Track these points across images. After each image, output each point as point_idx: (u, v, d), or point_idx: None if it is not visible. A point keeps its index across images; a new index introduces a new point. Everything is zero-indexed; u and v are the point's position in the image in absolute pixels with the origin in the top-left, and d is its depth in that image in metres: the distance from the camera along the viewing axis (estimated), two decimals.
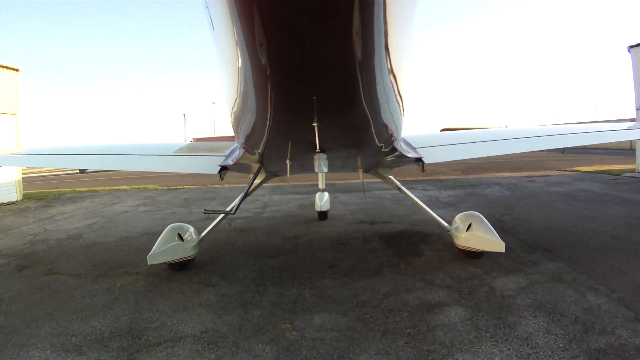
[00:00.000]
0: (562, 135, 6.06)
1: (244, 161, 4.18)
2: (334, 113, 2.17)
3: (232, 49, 1.64)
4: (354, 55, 1.60)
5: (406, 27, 1.79)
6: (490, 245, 4.66)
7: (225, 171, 4.62)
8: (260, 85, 1.84)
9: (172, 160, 5.43)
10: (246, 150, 3.46)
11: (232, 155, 4.55)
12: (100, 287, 4.66)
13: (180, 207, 10.88)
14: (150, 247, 4.85)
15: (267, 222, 8.17)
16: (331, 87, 1.87)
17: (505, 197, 10.54)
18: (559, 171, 17.73)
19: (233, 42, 1.58)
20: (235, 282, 4.61)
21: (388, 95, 2.11)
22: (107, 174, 29.49)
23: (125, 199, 13.27)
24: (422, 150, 4.60)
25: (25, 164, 8.30)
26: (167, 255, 4.79)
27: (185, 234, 4.99)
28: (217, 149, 5.36)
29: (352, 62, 1.65)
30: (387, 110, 2.31)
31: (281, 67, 1.67)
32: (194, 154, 5.36)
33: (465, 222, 5.00)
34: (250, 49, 1.54)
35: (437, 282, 4.37)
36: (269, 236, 6.86)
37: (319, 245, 6.07)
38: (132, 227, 8.25)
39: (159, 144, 6.76)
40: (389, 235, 6.58)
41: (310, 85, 1.83)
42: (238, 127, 2.73)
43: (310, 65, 1.66)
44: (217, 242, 6.42)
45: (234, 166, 4.60)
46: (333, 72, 1.74)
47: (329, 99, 1.96)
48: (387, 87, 1.99)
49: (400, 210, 8.87)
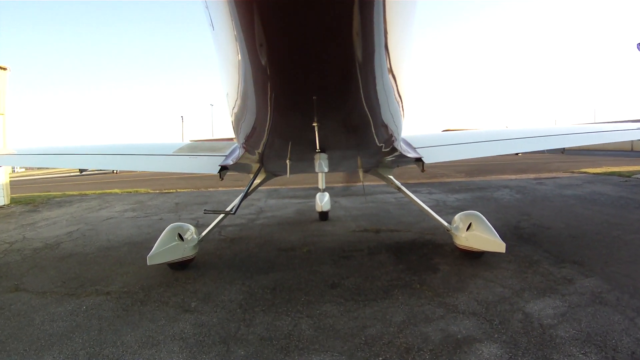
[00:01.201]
0: (562, 135, 6.02)
1: (244, 161, 4.15)
2: (334, 113, 2.15)
3: (232, 49, 1.63)
4: (354, 55, 1.57)
5: (406, 27, 1.76)
6: (491, 245, 4.58)
7: (225, 171, 4.57)
8: (260, 85, 1.82)
9: (172, 160, 5.41)
10: (246, 150, 3.42)
11: (232, 155, 4.53)
12: (64, 309, 4.02)
13: (169, 212, 10.16)
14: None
15: (261, 230, 7.43)
16: (331, 87, 1.84)
17: (518, 201, 9.86)
18: (565, 173, 17.16)
19: (233, 42, 1.56)
20: (218, 306, 3.88)
21: (388, 95, 2.08)
22: (103, 176, 28.93)
23: (114, 203, 12.62)
24: (422, 150, 4.58)
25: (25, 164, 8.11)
26: (167, 255, 4.74)
27: (186, 233, 4.96)
28: (217, 148, 5.35)
29: (352, 62, 1.63)
30: (387, 110, 2.27)
31: (281, 67, 1.65)
32: (194, 154, 5.34)
33: (465, 221, 4.96)
34: (250, 49, 1.53)
35: (460, 307, 3.65)
36: (262, 247, 6.12)
37: (319, 259, 5.33)
38: (114, 235, 7.55)
39: (159, 144, 6.66)
40: (397, 246, 5.85)
41: (310, 85, 1.80)
42: (238, 127, 2.68)
43: (310, 65, 1.64)
44: (203, 254, 5.71)
45: (234, 166, 4.56)
46: (333, 72, 1.71)
47: (329, 99, 1.93)
48: (387, 87, 1.96)
49: (406, 216, 8.16)
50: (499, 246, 4.48)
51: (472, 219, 4.93)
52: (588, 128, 6.95)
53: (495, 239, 4.55)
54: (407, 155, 4.20)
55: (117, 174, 30.55)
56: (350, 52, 1.55)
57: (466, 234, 4.88)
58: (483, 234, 4.73)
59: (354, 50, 1.54)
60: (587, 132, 6.16)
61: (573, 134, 6.04)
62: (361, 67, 1.68)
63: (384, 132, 2.72)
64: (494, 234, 4.62)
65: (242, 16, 1.38)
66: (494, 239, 4.56)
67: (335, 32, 1.44)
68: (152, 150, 5.97)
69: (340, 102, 2.00)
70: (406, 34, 1.81)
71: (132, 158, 5.71)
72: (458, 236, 5.01)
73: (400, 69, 1.94)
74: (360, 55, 1.58)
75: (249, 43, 1.50)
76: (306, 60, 1.60)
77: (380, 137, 2.83)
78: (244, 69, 1.71)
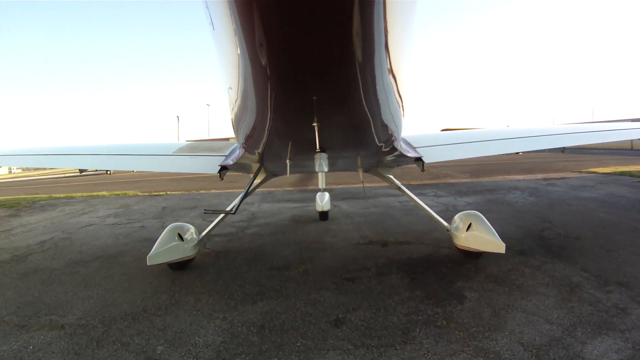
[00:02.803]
0: (562, 134, 6.04)
1: (244, 161, 4.15)
2: (334, 113, 2.12)
3: (232, 49, 1.61)
4: (354, 55, 1.55)
5: (406, 27, 1.73)
6: (490, 245, 4.53)
7: (225, 171, 4.58)
8: (260, 85, 1.79)
9: (172, 160, 5.40)
10: (246, 150, 3.40)
11: (232, 155, 4.53)
12: (9, 348, 3.27)
13: (154, 218, 9.28)
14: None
15: (251, 241, 6.56)
16: (331, 87, 1.81)
17: (533, 204, 9.07)
18: (573, 173, 16.48)
19: (233, 42, 1.54)
20: (190, 354, 3.02)
21: (388, 95, 2.05)
22: (101, 176, 28.01)
23: (99, 207, 11.78)
24: (422, 149, 4.59)
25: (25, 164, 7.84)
26: (167, 255, 4.72)
27: (186, 233, 4.94)
28: (217, 148, 5.36)
29: (352, 62, 1.61)
30: (387, 110, 2.23)
31: (281, 67, 1.63)
32: (194, 154, 5.34)
33: (465, 221, 4.93)
34: (250, 48, 1.51)
35: (503, 355, 2.83)
36: (251, 264, 5.24)
37: (318, 281, 4.47)
38: (88, 246, 6.72)
39: (158, 144, 6.63)
40: (410, 263, 4.99)
41: (310, 85, 1.77)
42: (238, 127, 2.66)
43: (310, 65, 1.62)
44: (183, 273, 4.88)
45: (234, 166, 4.57)
46: (333, 72, 1.68)
47: (329, 98, 1.91)
48: (387, 87, 1.94)
49: (415, 223, 7.32)
50: (499, 247, 4.41)
51: (472, 219, 4.87)
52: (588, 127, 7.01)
53: (495, 240, 4.49)
54: (407, 154, 4.19)
55: (110, 175, 29.98)
56: (351, 52, 1.53)
57: (466, 234, 4.82)
58: (483, 234, 4.66)
59: (354, 50, 1.52)
60: (587, 132, 6.19)
61: (573, 134, 6.04)
62: (361, 67, 1.66)
63: (384, 131, 2.69)
64: (494, 234, 4.57)
65: (242, 16, 1.36)
66: (494, 240, 4.51)
67: (335, 32, 1.42)
68: (151, 150, 5.95)
69: (341, 102, 1.98)
70: (406, 34, 1.78)
71: (131, 158, 5.72)
72: (458, 236, 4.96)
73: (400, 69, 1.91)
74: (360, 55, 1.56)
75: (249, 43, 1.48)
76: (306, 60, 1.58)
77: (380, 137, 2.80)
78: (244, 68, 1.69)
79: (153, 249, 4.67)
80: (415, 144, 4.65)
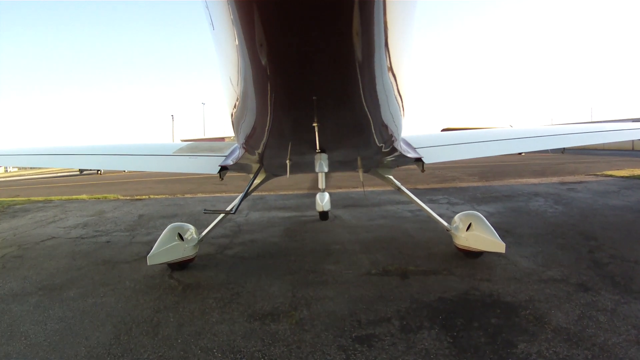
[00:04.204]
0: (563, 135, 6.03)
1: (244, 161, 4.10)
2: (334, 113, 2.09)
3: (232, 49, 1.58)
4: (354, 55, 1.52)
5: (406, 26, 1.69)
6: (490, 245, 4.56)
7: (225, 171, 4.57)
8: (260, 85, 1.76)
9: (172, 160, 5.41)
10: (246, 150, 3.35)
11: (232, 155, 4.52)
12: None
13: (124, 230, 7.96)
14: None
15: (231, 269, 5.16)
16: (331, 87, 1.78)
17: (564, 215, 7.86)
18: (588, 176, 15.40)
19: (233, 42, 1.52)
20: None
21: (388, 95, 2.01)
22: (95, 177, 26.63)
23: (72, 214, 10.58)
24: (422, 150, 4.60)
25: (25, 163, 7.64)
26: (167, 255, 4.71)
27: (186, 233, 4.93)
28: (217, 149, 5.37)
29: (352, 62, 1.56)
30: (387, 110, 2.19)
31: (281, 67, 1.59)
32: (194, 154, 5.33)
33: (465, 221, 4.94)
34: (250, 48, 1.49)
35: None
36: (225, 310, 3.84)
37: (317, 344, 3.14)
38: (36, 270, 5.47)
39: (158, 144, 6.61)
40: (444, 308, 3.67)
41: (310, 86, 1.75)
42: (238, 127, 2.59)
43: (310, 65, 1.58)
44: (131, 326, 3.61)
45: (234, 166, 4.56)
46: (333, 72, 1.64)
47: (329, 99, 1.87)
48: (387, 87, 1.89)
49: (436, 242, 5.96)
50: (499, 246, 4.45)
51: (472, 219, 4.89)
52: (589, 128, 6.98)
53: (495, 239, 4.51)
54: (407, 155, 4.18)
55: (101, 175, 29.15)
56: (351, 52, 1.49)
57: (466, 234, 4.84)
58: (483, 234, 4.68)
59: (354, 50, 1.48)
60: (589, 132, 6.21)
61: (574, 134, 6.05)
62: (361, 67, 1.62)
63: (384, 132, 2.63)
64: (494, 234, 4.58)
65: (242, 16, 1.33)
66: (494, 239, 4.53)
67: (335, 32, 1.39)
68: (151, 150, 5.95)
69: (341, 102, 1.95)
70: (406, 34, 1.73)
71: (131, 158, 5.71)
72: (458, 236, 4.97)
73: (400, 69, 1.85)
74: (360, 55, 1.52)
75: (249, 43, 1.45)
76: (306, 60, 1.54)
77: (380, 137, 2.74)
78: (244, 68, 1.64)
79: (153, 249, 4.65)
80: (415, 145, 4.64)
